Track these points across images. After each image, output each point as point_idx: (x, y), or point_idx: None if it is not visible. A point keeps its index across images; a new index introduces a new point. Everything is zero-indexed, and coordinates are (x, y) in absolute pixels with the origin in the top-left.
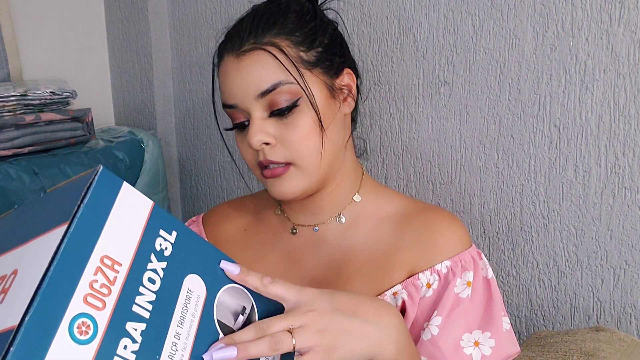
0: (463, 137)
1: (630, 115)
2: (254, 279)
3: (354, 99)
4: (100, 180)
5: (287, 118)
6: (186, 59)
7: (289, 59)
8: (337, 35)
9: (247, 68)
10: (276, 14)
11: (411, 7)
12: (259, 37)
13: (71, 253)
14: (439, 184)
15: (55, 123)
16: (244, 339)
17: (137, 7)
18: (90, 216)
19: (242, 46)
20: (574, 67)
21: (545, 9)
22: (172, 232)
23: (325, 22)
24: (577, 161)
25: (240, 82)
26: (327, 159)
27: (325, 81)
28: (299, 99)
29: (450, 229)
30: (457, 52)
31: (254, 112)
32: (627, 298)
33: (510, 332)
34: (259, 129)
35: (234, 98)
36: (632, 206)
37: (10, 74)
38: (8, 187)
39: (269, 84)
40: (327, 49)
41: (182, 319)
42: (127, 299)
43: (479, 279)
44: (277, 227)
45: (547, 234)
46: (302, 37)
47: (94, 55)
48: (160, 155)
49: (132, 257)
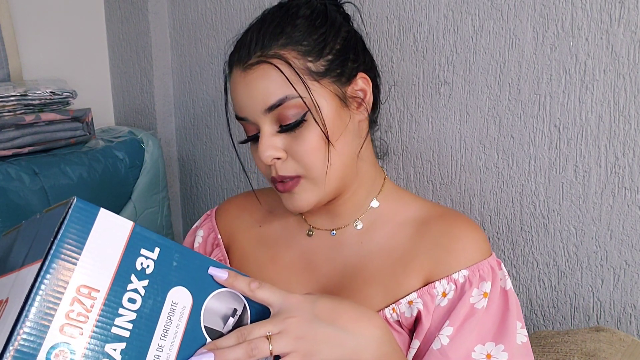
0: (463, 137)
1: (630, 115)
2: (242, 284)
3: (369, 104)
4: (74, 213)
5: (295, 132)
6: (186, 59)
7: (296, 72)
8: (351, 38)
9: (254, 82)
10: (284, 22)
11: (411, 7)
12: (265, 49)
13: (46, 289)
14: (439, 184)
15: (55, 123)
16: (225, 344)
17: (137, 7)
18: (64, 251)
19: (249, 59)
20: (574, 67)
21: (545, 9)
22: (154, 249)
23: (338, 24)
24: (577, 161)
25: (248, 97)
26: (338, 170)
27: (335, 91)
28: (306, 113)
29: (469, 237)
30: (457, 52)
31: (263, 126)
32: (627, 298)
33: (526, 346)
34: (268, 144)
35: (244, 111)
36: (632, 206)
37: (10, 74)
38: (8, 187)
39: (276, 99)
40: (338, 55)
41: (166, 331)
42: (105, 322)
43: (496, 290)
44: (293, 226)
45: (547, 234)
46: (311, 46)
47: (94, 55)
48: (160, 155)
49: (110, 282)
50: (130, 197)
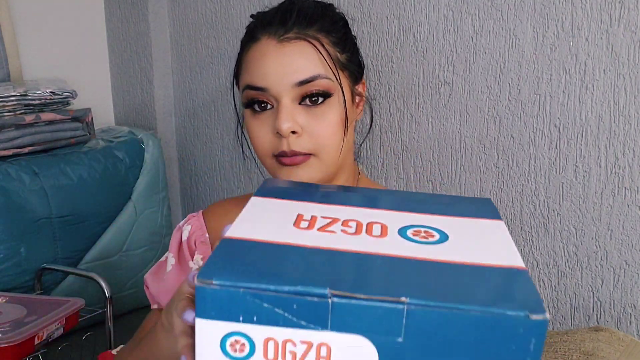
0: (463, 137)
1: (630, 115)
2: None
3: (363, 108)
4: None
5: (317, 109)
6: (186, 59)
7: (330, 55)
8: (357, 47)
9: (289, 55)
10: (317, 12)
11: (411, 7)
12: (303, 29)
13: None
14: (439, 184)
15: (55, 123)
16: None
17: (137, 7)
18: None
19: (287, 33)
20: (574, 67)
21: (545, 9)
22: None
23: (350, 32)
24: (577, 161)
25: (280, 68)
26: (343, 156)
27: (350, 85)
28: (332, 95)
29: None
30: (457, 52)
31: (284, 98)
32: (627, 298)
33: None
34: (289, 115)
35: (267, 81)
36: (632, 206)
37: (10, 74)
38: (8, 187)
39: (309, 74)
40: (353, 56)
41: None
42: None
43: None
44: None
45: (547, 234)
46: (337, 40)
47: (94, 55)
48: (160, 155)
49: None
50: (130, 197)
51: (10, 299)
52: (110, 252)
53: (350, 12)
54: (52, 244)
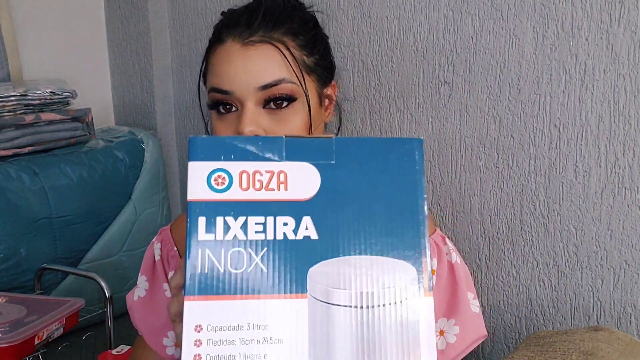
0: (463, 137)
1: (630, 115)
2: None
3: (332, 111)
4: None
5: (281, 112)
6: (186, 59)
7: (295, 60)
8: (329, 49)
9: (253, 59)
10: (284, 13)
11: (411, 7)
12: (269, 32)
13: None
14: (439, 184)
15: (55, 123)
16: None
17: (137, 7)
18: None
19: (252, 36)
20: (574, 67)
21: (545, 9)
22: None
23: (322, 33)
24: (577, 161)
25: (244, 71)
26: None
27: (317, 89)
28: (297, 99)
29: None
30: (457, 52)
31: (248, 102)
32: (627, 298)
33: (477, 316)
34: (252, 119)
35: (232, 85)
36: (632, 206)
37: (10, 74)
38: (8, 187)
39: (273, 79)
40: (322, 58)
41: None
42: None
43: (443, 265)
44: None
45: (547, 234)
46: (305, 42)
47: (94, 55)
48: (160, 155)
49: None
50: (130, 197)
51: (10, 299)
52: (110, 252)
53: (350, 12)
54: (52, 244)
